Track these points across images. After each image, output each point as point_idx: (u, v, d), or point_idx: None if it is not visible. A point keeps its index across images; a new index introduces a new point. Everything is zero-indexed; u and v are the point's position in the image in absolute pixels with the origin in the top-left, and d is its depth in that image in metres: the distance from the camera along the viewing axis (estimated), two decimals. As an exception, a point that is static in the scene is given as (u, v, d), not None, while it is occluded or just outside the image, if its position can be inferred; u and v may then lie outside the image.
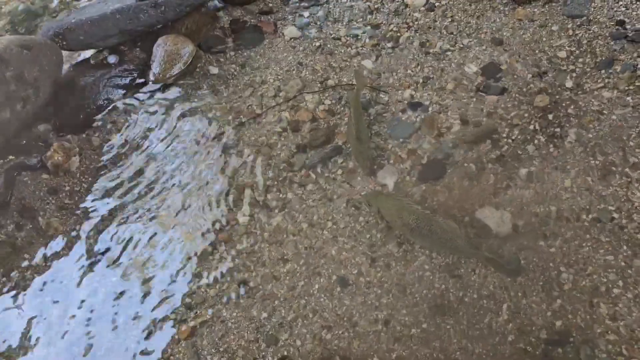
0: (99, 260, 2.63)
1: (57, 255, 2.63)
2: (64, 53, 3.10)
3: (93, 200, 2.78)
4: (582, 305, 2.31)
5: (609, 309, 2.29)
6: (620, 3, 3.13)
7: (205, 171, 2.88)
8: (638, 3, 3.11)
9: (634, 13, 3.08)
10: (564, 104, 2.85)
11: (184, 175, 2.87)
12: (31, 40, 2.80)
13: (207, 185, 2.83)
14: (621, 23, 3.05)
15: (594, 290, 2.34)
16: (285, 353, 2.36)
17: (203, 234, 2.69)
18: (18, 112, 2.64)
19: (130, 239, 2.68)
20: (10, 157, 2.73)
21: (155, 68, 3.15)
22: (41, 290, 2.56)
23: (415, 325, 2.36)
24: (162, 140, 3.00)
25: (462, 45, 3.19)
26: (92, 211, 2.75)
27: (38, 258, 2.62)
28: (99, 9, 3.12)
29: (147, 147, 2.97)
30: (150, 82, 3.16)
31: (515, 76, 2.99)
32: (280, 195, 2.76)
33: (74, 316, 2.50)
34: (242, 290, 2.53)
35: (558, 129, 2.77)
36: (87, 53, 3.25)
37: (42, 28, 3.17)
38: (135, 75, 3.15)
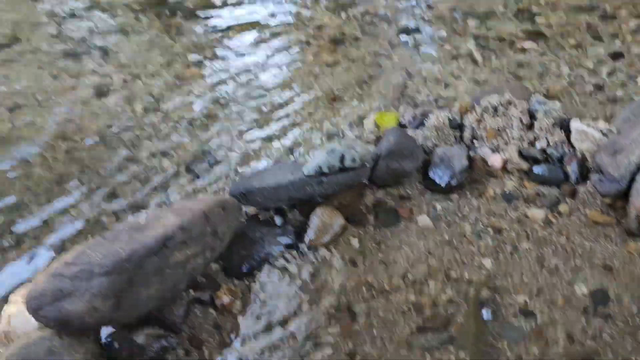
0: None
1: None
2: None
3: (245, 343, 3.32)
4: None
5: None
6: None
7: (329, 333, 3.37)
8: None
9: None
10: (665, 345, 3.18)
11: (323, 332, 3.35)
12: (226, 202, 3.55)
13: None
14: None
15: None
16: None
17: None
18: (207, 259, 3.32)
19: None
20: (191, 291, 3.38)
21: (310, 234, 3.81)
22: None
23: None
24: (310, 297, 3.54)
25: (574, 265, 3.62)
26: (246, 353, 3.26)
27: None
28: (274, 178, 3.87)
29: (297, 301, 3.51)
30: (304, 245, 3.81)
31: (621, 307, 3.37)
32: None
33: None
34: None
35: (659, 368, 3.09)
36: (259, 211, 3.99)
37: (231, 187, 3.95)
38: (294, 236, 3.81)
